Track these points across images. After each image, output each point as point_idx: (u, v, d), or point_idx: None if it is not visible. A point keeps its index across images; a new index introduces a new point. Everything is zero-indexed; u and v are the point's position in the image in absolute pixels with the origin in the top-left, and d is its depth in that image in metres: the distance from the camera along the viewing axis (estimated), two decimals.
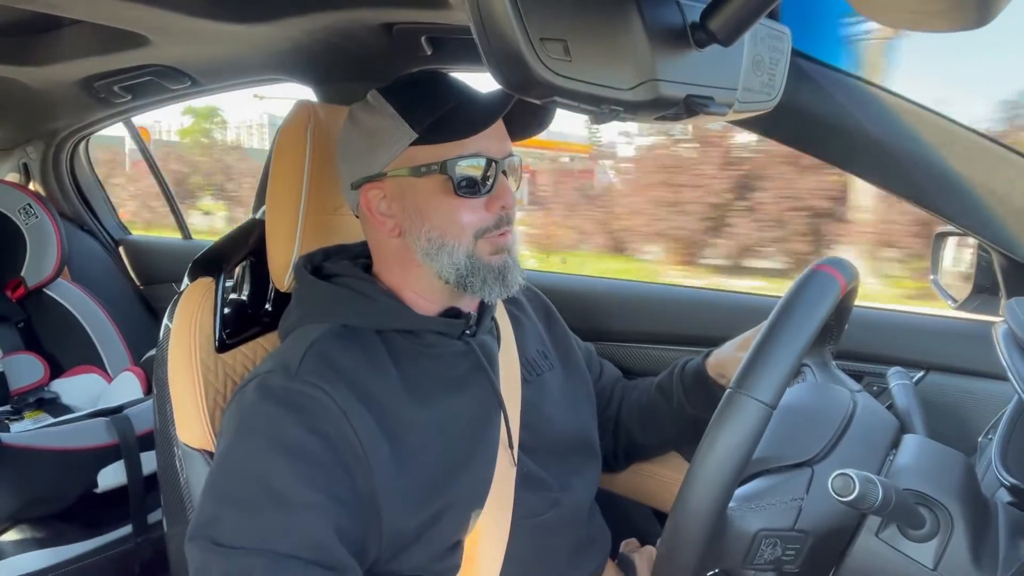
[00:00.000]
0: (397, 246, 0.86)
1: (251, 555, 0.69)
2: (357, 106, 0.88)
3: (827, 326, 0.86)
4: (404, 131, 0.82)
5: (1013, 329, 0.72)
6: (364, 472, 0.75)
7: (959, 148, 0.87)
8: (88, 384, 1.97)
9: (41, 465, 1.47)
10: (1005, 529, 0.66)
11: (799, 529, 0.67)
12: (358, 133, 0.86)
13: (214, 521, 0.72)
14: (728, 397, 0.63)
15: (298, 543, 0.70)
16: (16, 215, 2.02)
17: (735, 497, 0.67)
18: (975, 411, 1.05)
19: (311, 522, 0.71)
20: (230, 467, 0.75)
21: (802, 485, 0.69)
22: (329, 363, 0.79)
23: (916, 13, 0.45)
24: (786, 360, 0.63)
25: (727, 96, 0.66)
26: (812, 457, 0.71)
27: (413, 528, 0.79)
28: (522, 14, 0.48)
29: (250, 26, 1.13)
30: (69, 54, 1.50)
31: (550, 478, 0.93)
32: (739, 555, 0.67)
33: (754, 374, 0.63)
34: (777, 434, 0.72)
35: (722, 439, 0.62)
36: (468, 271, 0.83)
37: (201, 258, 1.02)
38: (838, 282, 0.69)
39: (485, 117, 0.81)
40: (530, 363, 0.99)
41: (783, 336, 0.65)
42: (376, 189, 0.85)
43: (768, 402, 0.62)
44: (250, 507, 0.71)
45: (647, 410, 1.09)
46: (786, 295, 0.68)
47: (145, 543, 1.58)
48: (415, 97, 0.84)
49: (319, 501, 0.72)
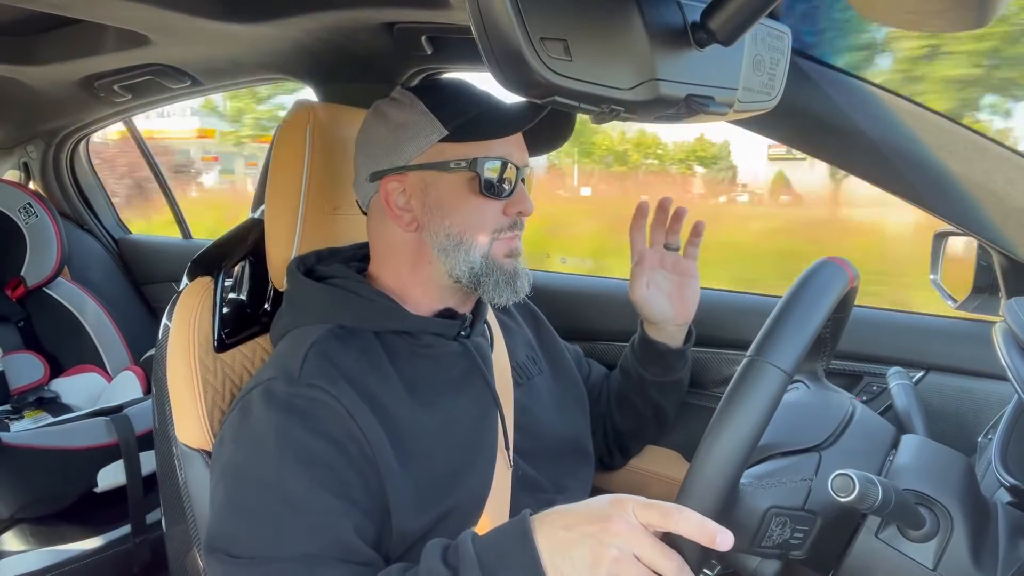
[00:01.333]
0: (411, 241, 0.86)
1: (271, 563, 0.69)
2: (384, 102, 0.89)
3: (821, 338, 0.86)
4: (434, 127, 0.83)
5: (1013, 329, 0.72)
6: (373, 472, 0.76)
7: (959, 148, 0.87)
8: (88, 383, 1.97)
9: (41, 465, 1.47)
10: (1004, 529, 0.66)
11: (808, 510, 0.67)
12: (385, 126, 0.86)
13: (231, 533, 0.72)
14: (747, 363, 0.64)
15: (321, 544, 0.70)
16: (16, 214, 2.02)
17: (746, 475, 0.68)
18: (975, 411, 1.05)
19: (330, 523, 0.71)
20: (243, 479, 0.75)
21: (811, 467, 0.70)
22: (331, 364, 0.79)
23: (915, 13, 0.45)
24: (804, 330, 0.65)
25: (727, 96, 0.66)
26: (819, 444, 0.72)
27: (419, 529, 0.79)
28: (522, 14, 0.48)
29: (250, 26, 1.13)
30: (69, 54, 1.50)
31: (544, 480, 0.93)
32: (749, 534, 0.67)
33: (773, 342, 0.64)
34: (783, 424, 0.73)
35: (741, 402, 0.62)
36: (483, 271, 0.84)
37: (200, 257, 1.02)
38: (847, 273, 0.71)
39: (514, 123, 0.83)
40: (520, 367, 0.99)
41: (800, 307, 0.66)
42: (396, 182, 0.85)
43: (786, 369, 0.63)
44: (267, 518, 0.71)
45: (619, 395, 1.10)
46: (800, 277, 0.69)
47: (144, 543, 1.58)
48: (446, 97, 0.85)
49: (335, 505, 0.72)
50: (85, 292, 2.05)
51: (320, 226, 0.96)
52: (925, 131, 0.88)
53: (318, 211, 0.95)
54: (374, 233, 0.91)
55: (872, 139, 0.89)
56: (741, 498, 0.67)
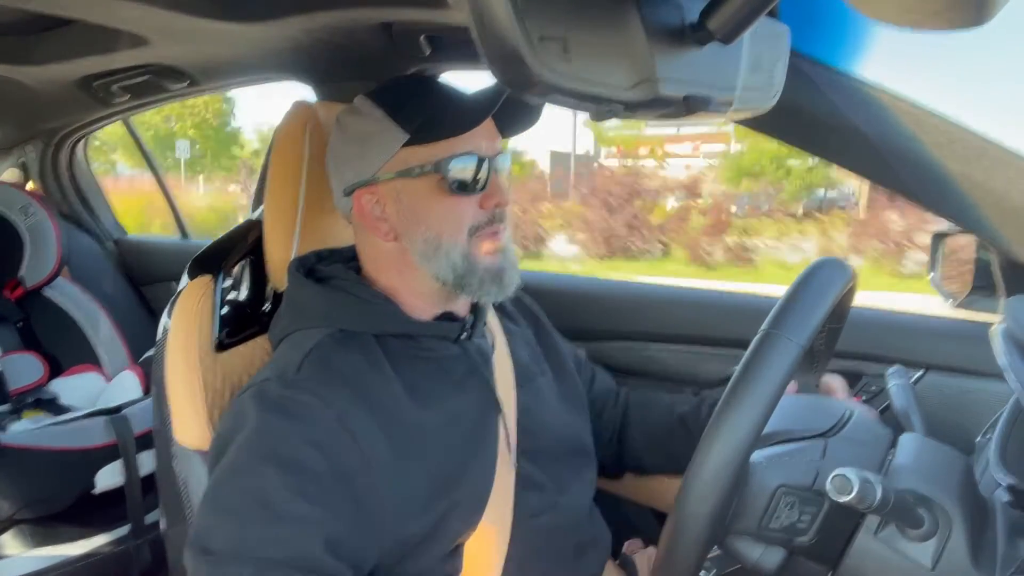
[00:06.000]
0: (392, 250, 0.86)
1: (241, 563, 0.69)
2: (344, 112, 0.88)
3: (815, 349, 0.87)
4: (395, 133, 0.82)
5: (1012, 328, 0.72)
6: (363, 477, 0.75)
7: (958, 147, 0.87)
8: (87, 384, 1.96)
9: (39, 465, 1.47)
10: (1003, 529, 0.66)
11: (817, 490, 0.67)
12: (348, 139, 0.86)
13: (208, 530, 0.72)
14: (762, 336, 0.65)
15: (290, 553, 0.70)
16: (15, 215, 2.02)
17: (756, 454, 0.68)
18: (973, 411, 1.05)
19: (302, 534, 0.71)
20: (226, 478, 0.75)
21: (818, 452, 0.70)
22: (329, 368, 0.79)
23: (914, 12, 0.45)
24: (819, 304, 0.66)
25: (726, 95, 0.66)
26: (824, 431, 0.73)
27: (419, 531, 0.79)
28: (521, 13, 0.48)
29: (249, 25, 1.13)
30: (68, 54, 1.50)
31: (548, 480, 0.93)
32: (757, 512, 0.67)
33: (788, 315, 0.65)
34: (787, 414, 0.74)
35: (756, 373, 0.63)
36: (465, 271, 0.83)
37: (199, 257, 1.02)
38: (848, 270, 0.72)
39: (475, 115, 0.81)
40: (522, 368, 0.99)
41: (815, 284, 0.68)
42: (369, 194, 0.85)
43: (801, 342, 0.63)
44: (242, 518, 0.71)
45: (662, 439, 1.06)
46: (807, 268, 0.71)
47: (143, 543, 1.58)
48: (403, 99, 0.84)
49: (310, 513, 0.71)
50: (84, 292, 2.05)
51: (319, 226, 0.96)
52: (924, 131, 0.88)
53: (317, 211, 0.95)
54: (359, 244, 0.90)
55: (871, 138, 0.89)
56: (751, 474, 0.67)
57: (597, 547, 1.00)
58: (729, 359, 1.23)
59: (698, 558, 0.64)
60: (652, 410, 1.10)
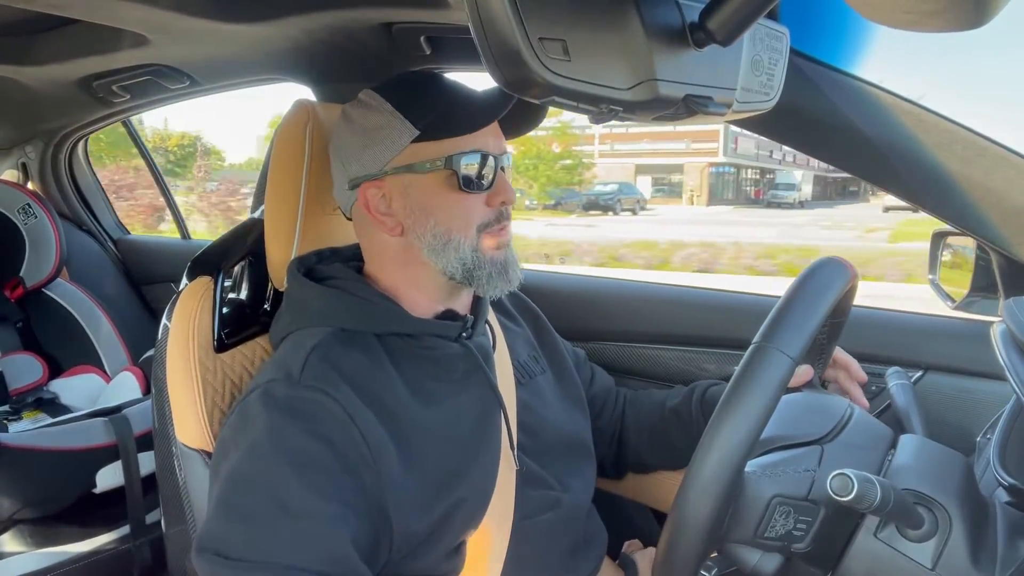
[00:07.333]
0: (398, 245, 0.86)
1: (262, 568, 0.68)
2: (350, 105, 0.88)
3: (818, 342, 0.86)
4: (405, 128, 0.82)
5: (1011, 329, 0.72)
6: (373, 476, 0.75)
7: (958, 148, 0.87)
8: (87, 384, 1.96)
9: (39, 465, 1.47)
10: (1003, 529, 0.66)
11: (812, 499, 0.67)
12: (354, 132, 0.86)
13: (224, 535, 0.71)
14: (754, 349, 0.64)
15: (311, 555, 0.69)
16: (15, 215, 2.02)
17: (750, 464, 0.68)
18: (973, 411, 1.05)
19: (324, 533, 0.70)
20: (239, 481, 0.74)
21: (814, 459, 0.70)
22: (332, 367, 0.79)
23: (913, 13, 0.45)
24: (810, 318, 0.65)
25: (726, 96, 0.66)
26: (821, 437, 0.72)
27: (424, 529, 0.79)
28: (521, 14, 0.48)
29: (249, 26, 1.13)
30: (68, 54, 1.50)
31: (549, 477, 0.93)
32: (752, 523, 0.67)
33: (780, 328, 0.64)
34: (784, 418, 0.74)
35: (748, 387, 0.62)
36: (474, 265, 0.83)
37: (199, 258, 1.02)
38: (848, 270, 0.72)
39: (486, 113, 0.82)
40: (522, 367, 0.99)
41: (807, 295, 0.67)
42: (375, 188, 0.85)
43: (793, 356, 0.63)
44: (261, 521, 0.71)
45: (659, 432, 1.08)
46: (804, 271, 0.70)
47: (143, 543, 1.58)
48: (413, 95, 0.84)
49: (331, 511, 0.71)
50: (84, 293, 2.05)
51: (320, 226, 0.96)
52: (924, 131, 0.88)
53: (317, 211, 0.95)
54: (362, 239, 0.90)
55: (871, 139, 0.89)
56: (746, 485, 0.67)
57: (595, 544, 1.00)
58: (729, 359, 1.23)
59: (696, 565, 0.64)
60: (646, 407, 1.11)
